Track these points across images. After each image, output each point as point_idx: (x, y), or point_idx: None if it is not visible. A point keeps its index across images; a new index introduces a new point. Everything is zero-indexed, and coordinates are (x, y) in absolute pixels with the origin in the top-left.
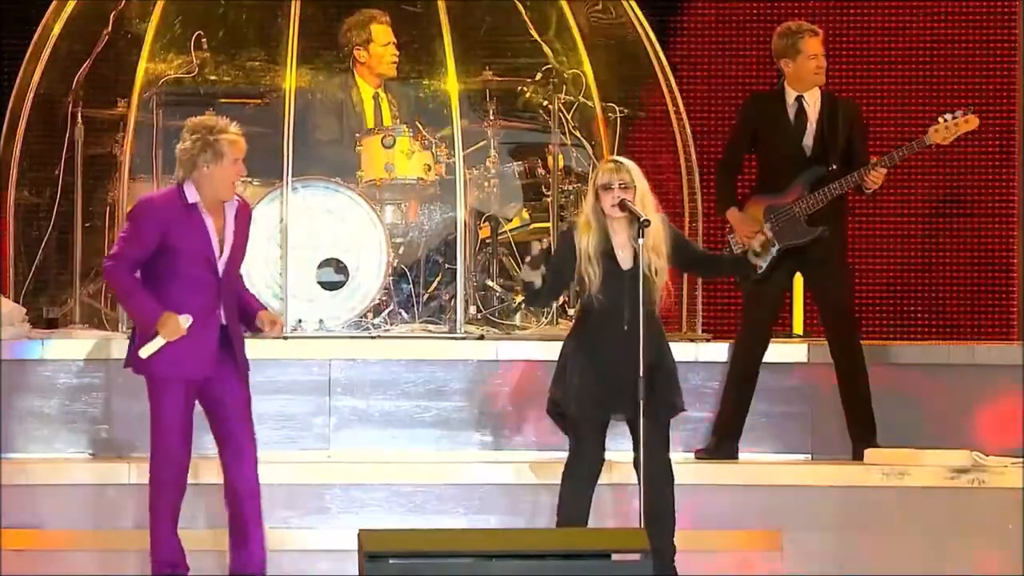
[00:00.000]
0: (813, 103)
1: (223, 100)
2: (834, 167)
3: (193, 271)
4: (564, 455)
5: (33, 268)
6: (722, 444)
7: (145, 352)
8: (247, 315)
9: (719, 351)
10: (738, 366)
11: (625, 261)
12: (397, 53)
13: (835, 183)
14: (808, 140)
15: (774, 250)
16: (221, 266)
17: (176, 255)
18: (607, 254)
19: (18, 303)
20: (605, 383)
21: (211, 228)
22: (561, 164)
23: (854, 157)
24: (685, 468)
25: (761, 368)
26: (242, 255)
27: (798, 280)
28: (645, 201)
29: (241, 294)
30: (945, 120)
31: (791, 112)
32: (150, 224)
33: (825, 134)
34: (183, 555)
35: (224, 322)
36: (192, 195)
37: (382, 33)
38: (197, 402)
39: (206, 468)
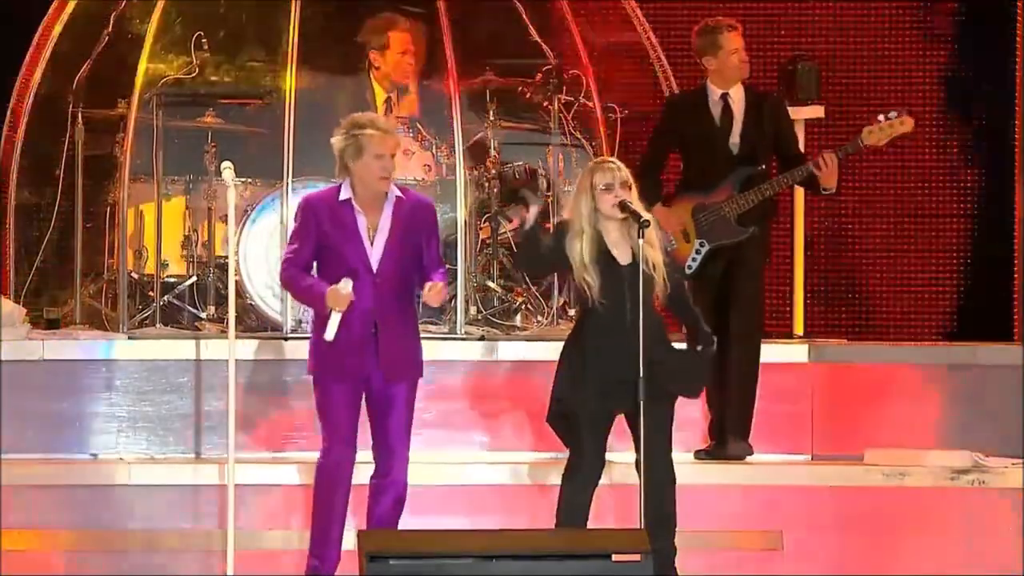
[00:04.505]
0: (738, 100)
1: (223, 100)
2: (763, 167)
3: (346, 268)
4: (564, 456)
5: (34, 269)
6: (720, 445)
7: (330, 333)
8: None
9: None
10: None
11: (622, 258)
12: (412, 62)
13: (766, 184)
14: (735, 139)
15: (704, 249)
16: (375, 263)
17: (331, 252)
18: (604, 254)
19: (18, 303)
20: (610, 381)
21: (362, 225)
22: (561, 165)
23: (783, 152)
24: (685, 468)
25: (761, 368)
26: (407, 251)
27: (798, 281)
28: (635, 202)
29: (430, 276)
30: (879, 121)
31: (716, 111)
32: (308, 220)
33: (751, 131)
34: (334, 558)
35: (377, 320)
36: (345, 192)
37: (400, 41)
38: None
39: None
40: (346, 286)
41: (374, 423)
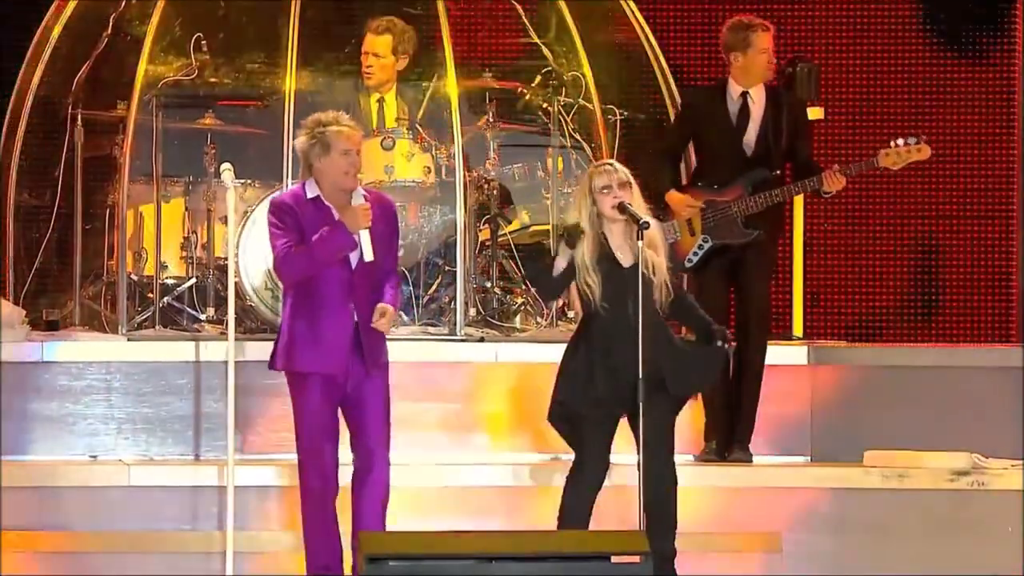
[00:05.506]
0: (759, 100)
1: (223, 102)
2: (777, 172)
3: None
4: (563, 458)
5: (33, 270)
6: (717, 446)
7: (368, 253)
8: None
9: None
10: None
11: (625, 260)
12: (373, 65)
13: (777, 190)
14: (749, 138)
15: (707, 245)
16: (354, 261)
17: None
18: (607, 258)
19: (18, 305)
20: (617, 383)
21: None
22: (560, 167)
23: (796, 156)
24: (684, 470)
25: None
26: (379, 247)
27: (797, 282)
28: (638, 202)
29: (384, 288)
30: (896, 145)
31: (734, 109)
32: (288, 219)
33: (769, 134)
34: (338, 556)
35: (356, 319)
36: (312, 190)
37: (367, 43)
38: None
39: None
40: (356, 199)
41: (352, 422)
